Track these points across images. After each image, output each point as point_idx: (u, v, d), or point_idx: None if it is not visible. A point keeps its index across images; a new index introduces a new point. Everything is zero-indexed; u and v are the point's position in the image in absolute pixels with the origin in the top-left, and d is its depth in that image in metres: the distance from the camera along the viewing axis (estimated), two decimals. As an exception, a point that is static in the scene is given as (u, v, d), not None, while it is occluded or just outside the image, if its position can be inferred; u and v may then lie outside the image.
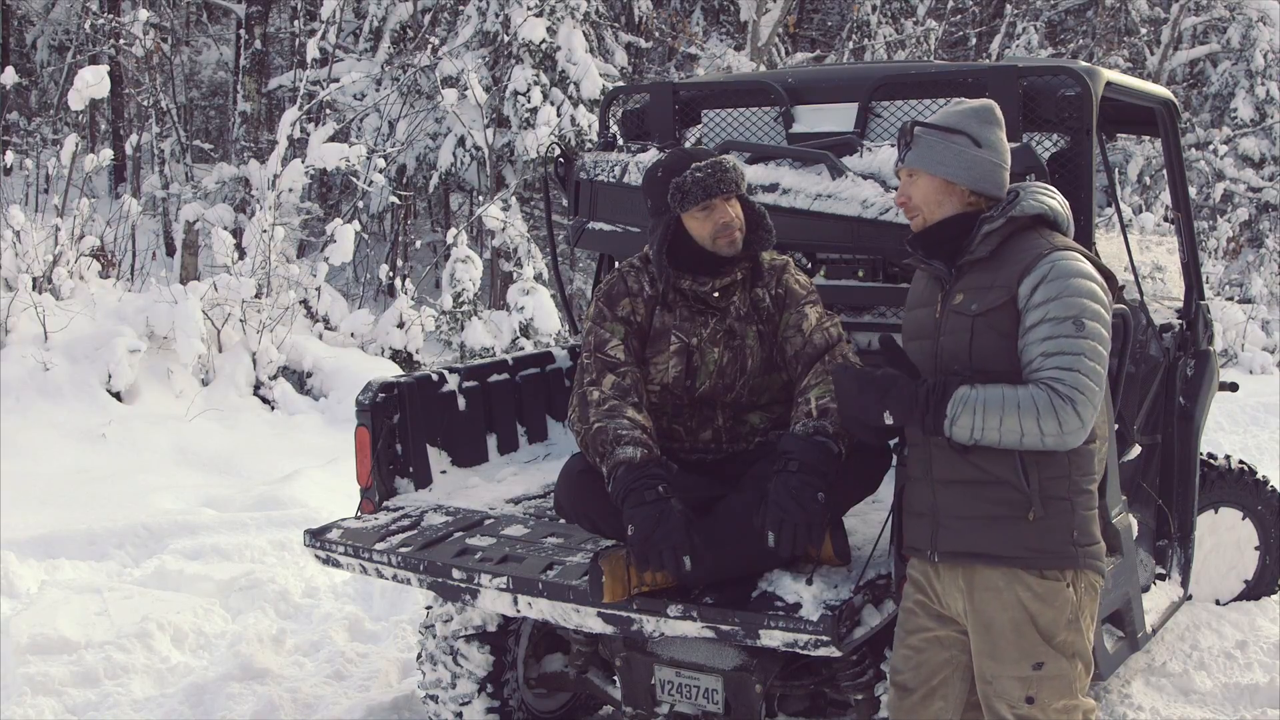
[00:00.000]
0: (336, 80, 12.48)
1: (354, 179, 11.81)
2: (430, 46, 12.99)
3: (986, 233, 2.65)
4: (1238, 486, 4.91)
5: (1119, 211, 4.15)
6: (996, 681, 2.70)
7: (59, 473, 6.90)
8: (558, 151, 4.57)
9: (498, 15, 12.83)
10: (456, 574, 3.24)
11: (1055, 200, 2.71)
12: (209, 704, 4.29)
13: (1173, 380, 4.29)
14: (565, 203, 4.63)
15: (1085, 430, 2.52)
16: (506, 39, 12.68)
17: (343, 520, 3.73)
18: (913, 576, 2.83)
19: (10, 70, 10.81)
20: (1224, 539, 4.97)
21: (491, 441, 4.26)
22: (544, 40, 12.49)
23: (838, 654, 2.87)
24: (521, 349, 10.09)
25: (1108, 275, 2.66)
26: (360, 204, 13.09)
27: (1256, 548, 5.02)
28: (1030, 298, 2.56)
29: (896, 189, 3.58)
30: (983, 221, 2.66)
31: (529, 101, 12.40)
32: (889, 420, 2.60)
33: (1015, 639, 2.66)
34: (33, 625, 4.71)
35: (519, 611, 3.21)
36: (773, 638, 2.83)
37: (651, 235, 3.27)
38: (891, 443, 3.08)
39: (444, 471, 4.02)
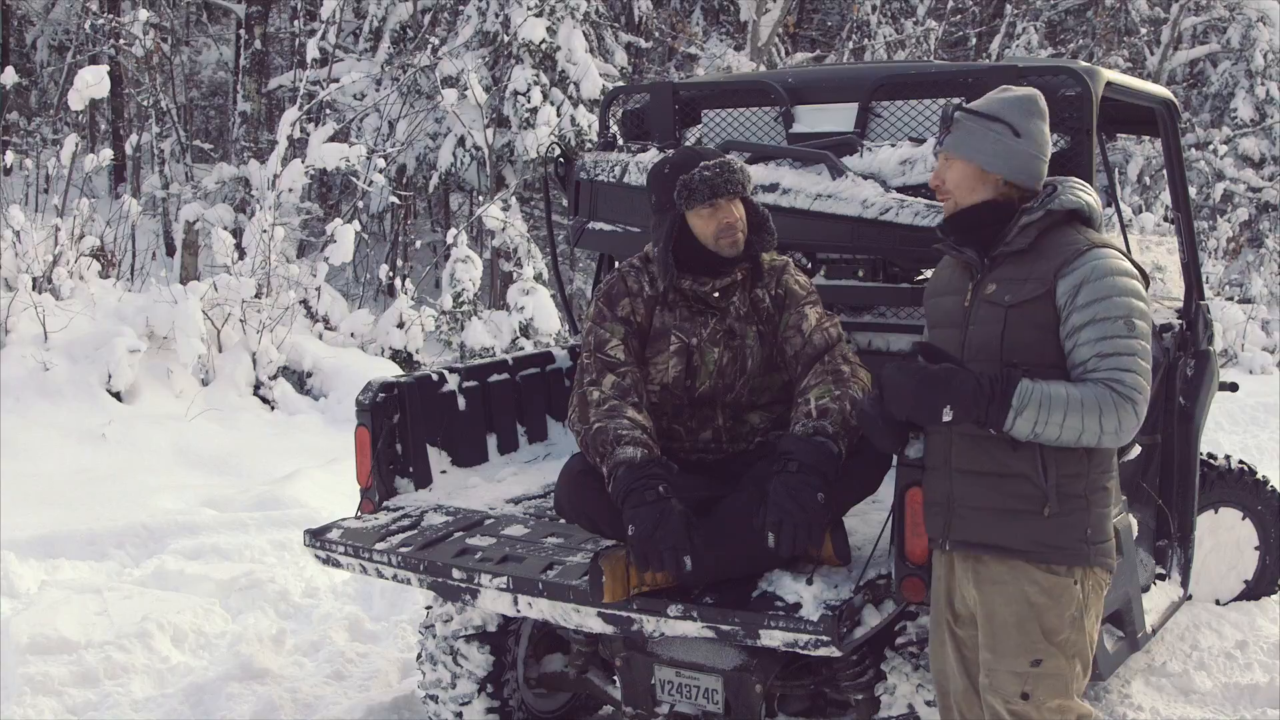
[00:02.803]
0: (336, 80, 12.48)
1: (354, 179, 11.80)
2: (430, 46, 12.99)
3: (1024, 224, 2.65)
4: (1238, 486, 4.91)
5: (1119, 211, 4.15)
6: (994, 675, 2.70)
7: (59, 473, 6.89)
8: (558, 151, 4.58)
9: (498, 15, 12.83)
10: (456, 574, 3.24)
11: (1090, 196, 2.72)
12: (209, 704, 4.28)
13: (1173, 380, 4.28)
14: (565, 203, 4.63)
15: (1138, 429, 2.54)
16: (506, 39, 12.68)
17: (343, 520, 3.73)
18: (936, 571, 2.85)
19: (10, 70, 10.80)
20: (1224, 539, 4.96)
21: (491, 441, 4.25)
22: (544, 40, 12.49)
23: (838, 654, 2.88)
24: (521, 349, 10.08)
25: (1141, 272, 2.66)
26: (360, 204, 13.09)
27: (1256, 548, 5.02)
28: (1075, 297, 2.56)
29: (897, 188, 3.64)
30: (1021, 213, 2.66)
31: (529, 101, 12.40)
32: (948, 416, 2.54)
33: (1017, 633, 2.66)
34: (33, 625, 4.70)
35: (519, 611, 3.21)
36: (773, 638, 2.83)
37: (655, 232, 3.28)
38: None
39: (444, 471, 4.02)
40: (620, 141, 4.58)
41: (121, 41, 14.36)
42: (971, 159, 2.68)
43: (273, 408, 8.83)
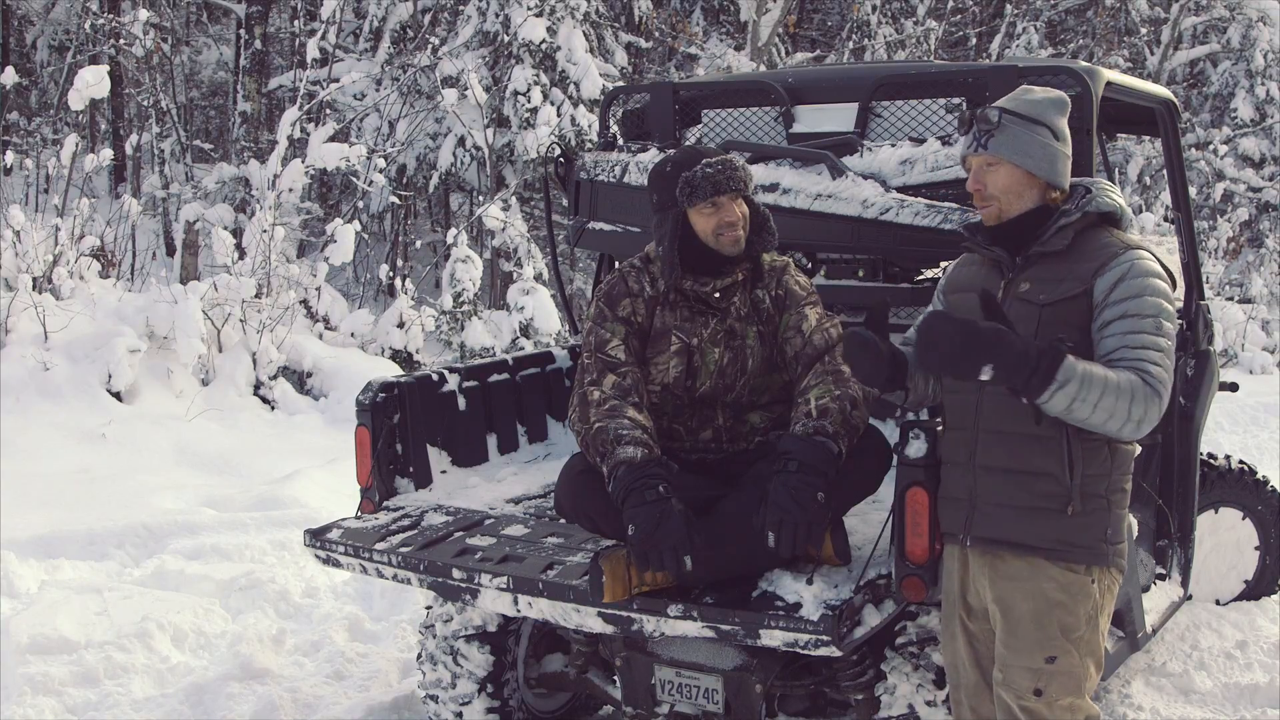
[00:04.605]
0: (336, 80, 12.47)
1: (354, 179, 11.81)
2: (430, 46, 12.99)
3: (1062, 226, 2.67)
4: (1238, 486, 4.91)
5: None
6: (1008, 671, 2.72)
7: (59, 473, 6.89)
8: (558, 151, 4.58)
9: (498, 15, 12.83)
10: (456, 574, 3.24)
11: (1121, 199, 2.76)
12: (209, 704, 4.29)
13: (1173, 380, 4.28)
14: (565, 203, 4.63)
15: (1155, 424, 2.55)
16: (506, 39, 12.68)
17: (343, 520, 3.73)
18: (948, 566, 2.85)
19: (10, 70, 10.80)
20: (1224, 539, 4.96)
21: (491, 441, 4.26)
22: (544, 40, 12.48)
23: (838, 654, 2.88)
24: (521, 349, 10.08)
25: (1171, 276, 2.69)
26: (360, 204, 13.09)
27: (1256, 548, 5.02)
28: (1110, 294, 2.58)
29: (897, 188, 3.64)
30: (1060, 215, 2.68)
31: (529, 101, 12.40)
32: (986, 375, 2.47)
33: (1033, 629, 2.68)
34: (33, 625, 4.70)
35: (519, 611, 3.21)
36: (773, 637, 2.84)
37: (658, 231, 3.28)
38: (891, 442, 3.09)
39: (444, 471, 4.02)
40: (620, 141, 4.58)
41: (121, 41, 14.36)
42: (1021, 163, 2.66)
43: (273, 408, 8.83)
